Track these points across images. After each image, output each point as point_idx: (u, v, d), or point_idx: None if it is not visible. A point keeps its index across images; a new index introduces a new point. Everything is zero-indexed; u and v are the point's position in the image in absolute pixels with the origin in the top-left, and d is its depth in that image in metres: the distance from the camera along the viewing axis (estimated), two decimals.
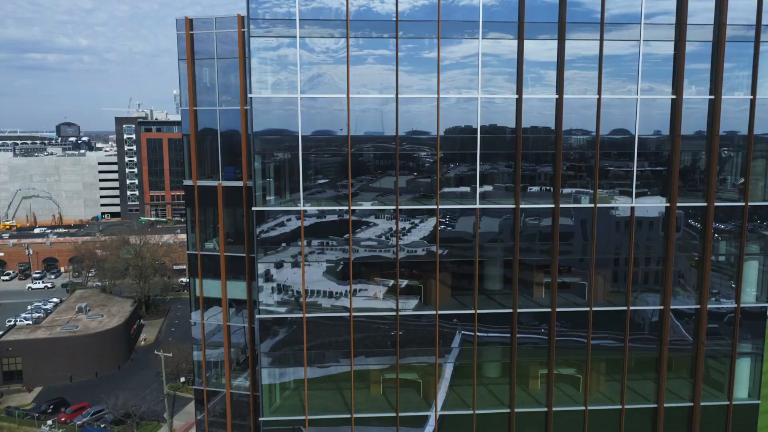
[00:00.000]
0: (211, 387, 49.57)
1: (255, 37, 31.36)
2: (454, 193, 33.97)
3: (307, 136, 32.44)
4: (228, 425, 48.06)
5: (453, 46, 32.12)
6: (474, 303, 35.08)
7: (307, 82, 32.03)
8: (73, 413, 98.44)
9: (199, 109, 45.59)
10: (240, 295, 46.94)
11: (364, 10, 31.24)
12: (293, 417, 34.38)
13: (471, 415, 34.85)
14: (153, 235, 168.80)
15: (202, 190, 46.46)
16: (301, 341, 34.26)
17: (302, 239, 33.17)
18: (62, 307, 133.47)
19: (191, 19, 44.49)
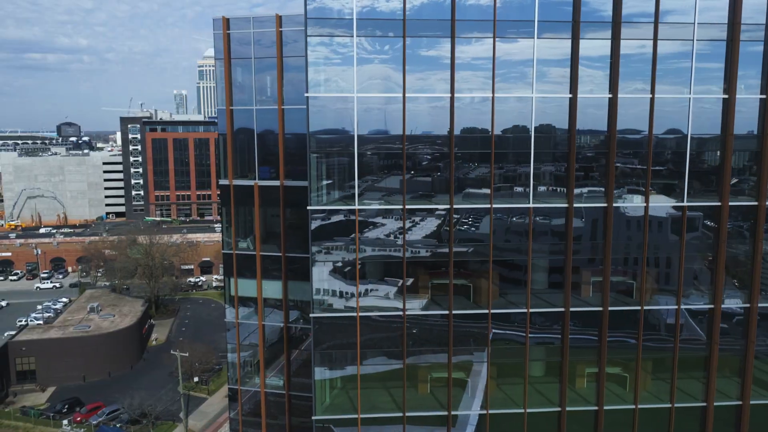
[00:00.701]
0: (233, 386, 49.55)
1: (312, 36, 31.37)
2: (508, 193, 33.94)
3: (362, 135, 32.39)
4: (263, 425, 48.02)
5: (507, 44, 32.11)
6: (516, 302, 35.10)
7: (362, 81, 31.99)
8: (88, 413, 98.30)
9: (234, 109, 45.50)
10: (275, 294, 46.93)
11: (419, 11, 31.24)
12: (345, 416, 34.41)
13: (520, 414, 34.90)
14: (162, 234, 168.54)
15: (237, 189, 46.38)
16: (350, 340, 34.24)
17: (356, 238, 33.13)
18: (73, 307, 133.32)
19: (228, 19, 44.42)
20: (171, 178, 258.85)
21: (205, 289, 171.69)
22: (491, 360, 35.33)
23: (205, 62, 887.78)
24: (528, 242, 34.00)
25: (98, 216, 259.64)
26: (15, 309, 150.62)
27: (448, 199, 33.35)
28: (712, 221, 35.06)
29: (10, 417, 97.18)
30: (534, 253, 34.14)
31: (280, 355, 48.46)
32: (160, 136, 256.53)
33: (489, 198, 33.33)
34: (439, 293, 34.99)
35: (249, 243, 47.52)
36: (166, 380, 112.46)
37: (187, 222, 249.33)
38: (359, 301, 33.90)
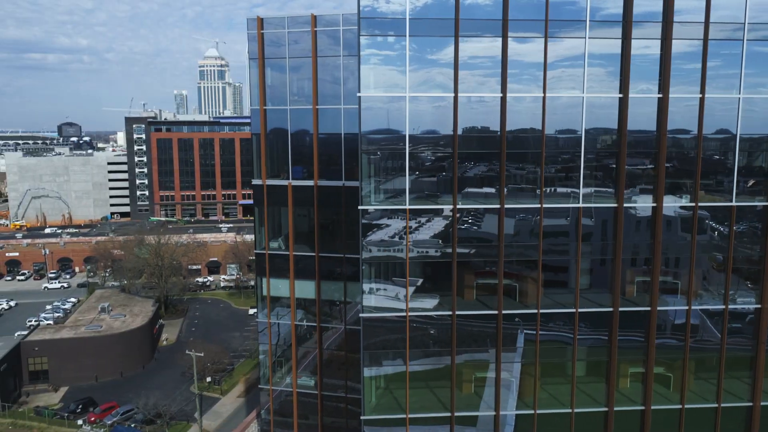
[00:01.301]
0: (264, 385, 49.53)
1: (365, 36, 31.33)
2: (556, 192, 33.94)
3: (413, 134, 32.36)
4: (294, 424, 47.99)
5: (554, 44, 32.07)
6: (562, 302, 35.07)
7: (413, 80, 31.95)
8: (102, 413, 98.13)
9: (267, 109, 45.49)
10: (308, 294, 46.93)
11: (470, 11, 31.22)
12: (394, 416, 34.36)
13: (567, 414, 34.90)
14: (170, 235, 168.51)
15: (270, 189, 46.37)
16: (398, 340, 34.22)
17: (407, 238, 33.09)
18: (84, 307, 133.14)
19: (262, 19, 44.40)
20: (176, 179, 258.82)
21: (213, 289, 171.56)
22: (533, 360, 35.26)
23: (206, 62, 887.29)
24: (576, 243, 34.01)
25: (103, 216, 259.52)
26: (24, 309, 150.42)
27: (497, 199, 33.34)
28: (761, 222, 35.01)
29: (25, 417, 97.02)
30: (581, 253, 34.12)
31: (308, 355, 48.53)
32: (165, 136, 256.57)
33: (539, 198, 33.32)
34: (484, 293, 34.98)
35: (280, 243, 47.53)
36: (179, 380, 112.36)
37: (192, 222, 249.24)
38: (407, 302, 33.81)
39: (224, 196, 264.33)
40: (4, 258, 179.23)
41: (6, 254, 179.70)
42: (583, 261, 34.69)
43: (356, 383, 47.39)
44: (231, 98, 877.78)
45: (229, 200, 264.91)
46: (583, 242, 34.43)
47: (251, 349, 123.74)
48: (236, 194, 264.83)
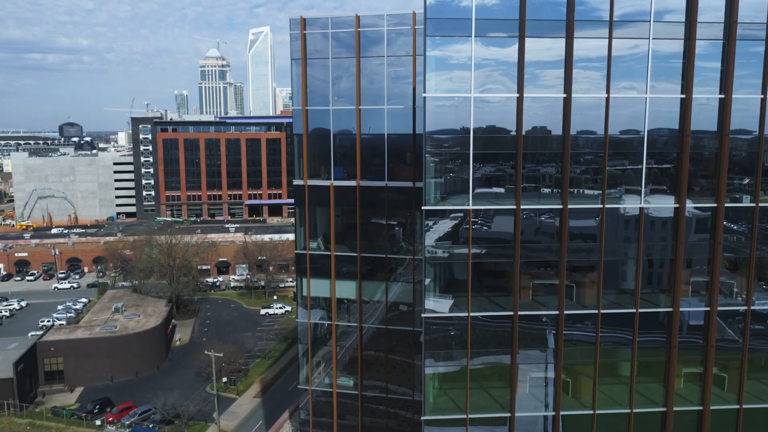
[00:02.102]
0: (304, 386, 49.54)
1: (431, 36, 31.38)
2: (610, 193, 34.00)
3: (476, 135, 32.41)
4: (334, 425, 48.00)
5: (620, 42, 32.08)
6: (619, 302, 35.11)
7: (478, 80, 32.02)
8: (120, 413, 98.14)
9: (309, 109, 45.49)
10: (349, 294, 46.93)
11: (537, 11, 31.28)
12: (454, 416, 34.41)
13: (625, 414, 34.98)
14: (182, 235, 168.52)
15: (312, 189, 46.37)
16: (455, 340, 34.27)
17: (470, 239, 33.12)
18: (97, 307, 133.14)
19: (305, 19, 44.41)
20: (182, 179, 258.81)
21: (224, 290, 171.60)
22: (587, 360, 35.31)
23: (207, 62, 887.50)
24: (632, 244, 34.04)
25: (109, 216, 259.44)
26: (35, 309, 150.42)
27: (557, 199, 33.41)
28: None
29: (42, 417, 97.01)
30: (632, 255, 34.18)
31: (347, 355, 48.52)
32: (171, 137, 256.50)
33: (601, 199, 33.38)
34: (539, 293, 35.04)
35: (319, 243, 47.54)
36: (194, 380, 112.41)
37: (199, 222, 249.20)
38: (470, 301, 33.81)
39: (230, 197, 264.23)
40: (13, 258, 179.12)
41: (15, 254, 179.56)
42: (635, 262, 34.67)
43: (398, 385, 47.48)
44: (232, 98, 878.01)
45: (234, 200, 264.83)
46: (636, 243, 34.41)
47: (265, 349, 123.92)
48: (242, 194, 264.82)
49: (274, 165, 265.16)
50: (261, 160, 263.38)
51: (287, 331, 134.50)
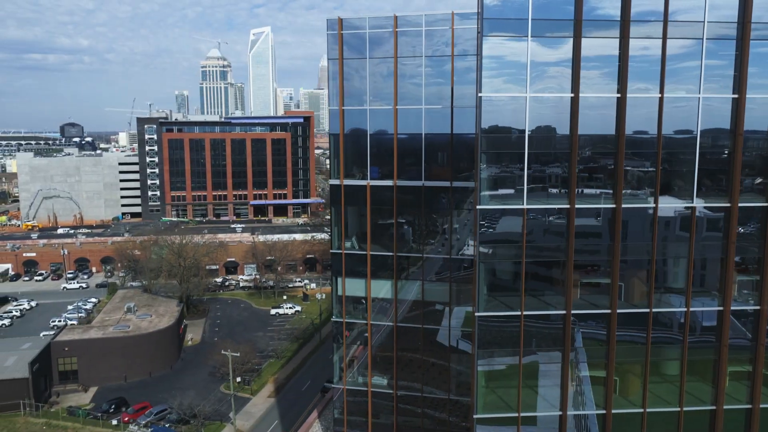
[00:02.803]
0: (338, 385, 49.67)
1: (488, 36, 31.56)
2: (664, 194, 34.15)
3: (531, 134, 32.57)
4: (368, 424, 48.17)
5: (674, 42, 32.25)
6: (651, 301, 35.27)
7: (533, 80, 32.21)
8: (135, 413, 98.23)
9: (345, 109, 45.64)
10: (384, 294, 47.09)
11: (593, 11, 31.47)
12: (506, 414, 34.57)
13: (675, 412, 35.13)
14: (193, 235, 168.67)
15: (348, 189, 46.52)
16: (507, 339, 34.41)
17: (524, 238, 33.25)
18: (108, 307, 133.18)
19: (342, 19, 44.58)
20: (187, 179, 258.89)
21: (233, 289, 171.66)
22: (636, 359, 35.49)
23: (208, 62, 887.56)
24: (683, 243, 34.20)
25: (114, 216, 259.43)
26: (45, 309, 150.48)
27: (609, 199, 33.56)
28: None
29: (58, 417, 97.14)
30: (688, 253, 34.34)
31: (381, 355, 48.67)
32: (177, 137, 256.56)
33: (653, 199, 33.57)
34: (586, 292, 35.18)
35: (354, 242, 47.70)
36: (207, 380, 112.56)
37: (204, 222, 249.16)
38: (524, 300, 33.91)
39: (235, 197, 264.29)
40: (21, 258, 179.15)
41: (23, 254, 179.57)
42: (683, 262, 34.83)
43: (434, 386, 47.65)
44: (233, 98, 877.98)
45: (240, 201, 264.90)
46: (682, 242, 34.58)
47: (277, 349, 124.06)
48: (247, 195, 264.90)
49: (279, 165, 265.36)
50: (266, 160, 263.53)
51: (298, 331, 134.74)
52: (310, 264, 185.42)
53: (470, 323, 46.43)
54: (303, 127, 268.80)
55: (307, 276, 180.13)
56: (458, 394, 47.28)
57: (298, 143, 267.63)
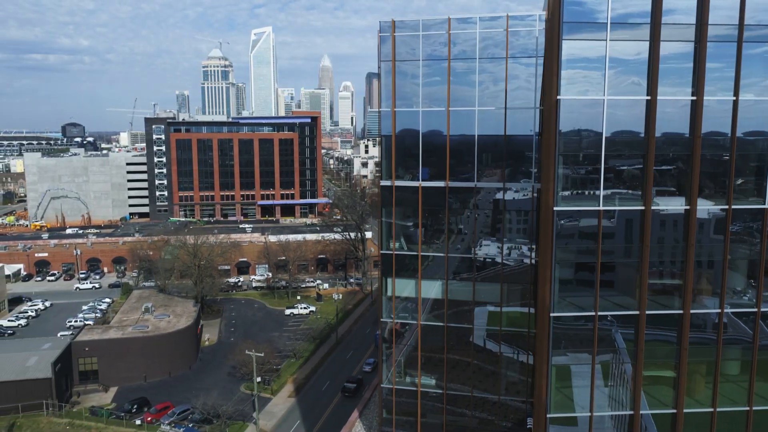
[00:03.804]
0: (387, 384, 49.87)
1: (567, 40, 31.88)
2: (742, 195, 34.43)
3: (607, 137, 32.90)
4: (418, 424, 48.45)
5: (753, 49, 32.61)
6: (723, 302, 35.57)
7: (611, 83, 32.54)
8: (158, 413, 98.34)
9: (397, 111, 45.88)
10: (434, 294, 47.36)
11: (671, 15, 31.79)
12: (579, 414, 34.92)
13: (744, 411, 35.44)
14: (207, 235, 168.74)
15: (399, 190, 46.75)
16: (578, 338, 34.72)
17: (599, 240, 33.59)
18: (125, 307, 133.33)
19: (395, 21, 44.81)
20: (195, 179, 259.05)
21: (245, 290, 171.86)
22: (702, 359, 35.82)
23: (210, 62, 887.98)
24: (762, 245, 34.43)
25: (122, 216, 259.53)
26: (59, 309, 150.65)
27: (681, 200, 33.91)
28: None
29: (81, 417, 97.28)
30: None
31: (431, 355, 48.91)
32: (185, 137, 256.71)
33: (727, 200, 33.92)
34: (655, 294, 35.45)
35: (402, 243, 47.95)
36: (227, 380, 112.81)
37: (212, 222, 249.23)
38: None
39: (243, 197, 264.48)
40: (33, 258, 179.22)
41: (35, 255, 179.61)
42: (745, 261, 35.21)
43: (482, 389, 47.92)
44: (234, 99, 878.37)
45: (247, 201, 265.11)
46: None
47: (294, 349, 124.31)
48: (255, 195, 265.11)
49: (286, 165, 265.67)
50: (274, 160, 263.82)
51: (314, 331, 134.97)
52: (322, 264, 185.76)
53: (495, 322, 46.92)
54: (310, 127, 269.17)
55: (318, 276, 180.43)
56: (507, 395, 47.63)
57: (305, 143, 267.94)
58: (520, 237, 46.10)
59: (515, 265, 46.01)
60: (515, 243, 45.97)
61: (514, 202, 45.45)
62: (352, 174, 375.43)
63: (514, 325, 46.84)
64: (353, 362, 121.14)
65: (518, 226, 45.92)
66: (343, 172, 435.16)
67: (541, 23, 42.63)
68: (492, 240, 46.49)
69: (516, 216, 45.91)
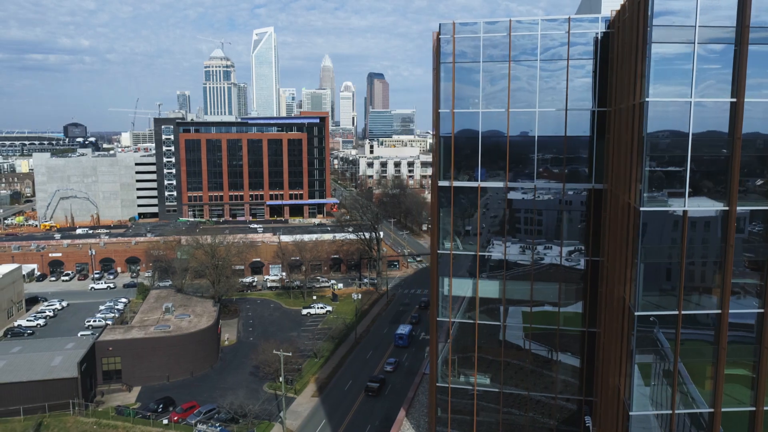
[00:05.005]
0: (443, 383, 50.26)
1: (656, 42, 32.29)
2: None
3: (694, 138, 33.26)
4: (473, 423, 48.83)
5: None
6: None
7: (698, 85, 32.92)
8: (184, 412, 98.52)
9: (456, 112, 46.28)
10: (491, 294, 47.72)
11: (757, 17, 32.15)
12: (662, 411, 35.31)
13: None
14: (224, 235, 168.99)
15: (457, 190, 47.13)
16: (667, 337, 35.03)
17: (683, 240, 33.96)
18: (145, 307, 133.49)
19: (456, 23, 45.20)
20: (204, 179, 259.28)
21: (260, 290, 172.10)
22: None
23: (212, 63, 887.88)
24: None
25: (131, 217, 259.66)
26: (76, 309, 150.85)
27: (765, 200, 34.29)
28: None
29: (108, 416, 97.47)
30: None
31: (486, 353, 49.30)
32: (194, 137, 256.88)
33: None
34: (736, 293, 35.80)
35: (458, 243, 48.34)
36: (249, 380, 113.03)
37: (221, 223, 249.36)
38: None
39: (251, 197, 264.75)
40: (47, 258, 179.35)
41: (49, 255, 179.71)
42: None
43: (540, 389, 48.33)
44: (236, 99, 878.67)
45: (256, 201, 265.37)
46: None
47: (314, 348, 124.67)
48: (263, 195, 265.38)
49: (295, 165, 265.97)
50: (282, 160, 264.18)
51: (333, 331, 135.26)
52: (335, 264, 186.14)
53: (528, 322, 47.35)
54: (319, 128, 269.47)
55: (331, 276, 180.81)
56: (563, 394, 48.04)
57: (313, 143, 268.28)
58: (578, 237, 46.50)
59: (571, 265, 46.41)
60: (574, 243, 46.36)
61: (574, 202, 45.85)
62: (358, 174, 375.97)
63: (570, 324, 47.22)
64: (373, 362, 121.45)
65: (579, 226, 46.31)
66: (348, 172, 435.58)
67: (602, 25, 43.07)
68: (549, 240, 46.83)
69: (576, 216, 46.28)
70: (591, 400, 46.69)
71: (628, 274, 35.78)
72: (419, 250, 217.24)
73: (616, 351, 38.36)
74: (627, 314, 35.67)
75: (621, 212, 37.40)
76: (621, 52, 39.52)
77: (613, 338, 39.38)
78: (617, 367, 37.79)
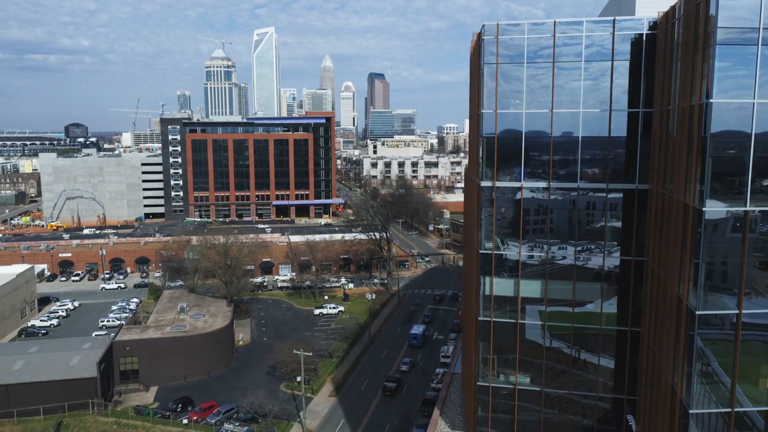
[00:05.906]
0: (483, 383, 50.49)
1: (722, 45, 32.54)
2: None
3: (756, 139, 33.49)
4: (514, 422, 49.09)
5: None
6: None
7: (761, 86, 33.19)
8: (203, 412, 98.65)
9: (500, 112, 46.53)
10: (533, 293, 47.99)
11: None
12: (721, 410, 35.59)
13: None
14: (236, 235, 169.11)
15: (499, 190, 47.37)
16: (724, 337, 35.29)
17: (744, 240, 34.23)
18: (159, 307, 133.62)
19: (499, 25, 45.47)
20: (210, 179, 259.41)
21: (271, 290, 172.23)
22: None
23: (213, 63, 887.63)
24: None
25: (137, 217, 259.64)
26: (88, 309, 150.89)
27: None
28: None
29: (127, 416, 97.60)
30: None
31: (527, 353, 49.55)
32: (200, 138, 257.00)
33: None
34: None
35: (498, 243, 48.60)
36: (266, 379, 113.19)
37: (228, 223, 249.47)
38: None
39: (258, 197, 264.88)
40: (57, 259, 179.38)
41: (59, 255, 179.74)
42: None
43: (584, 390, 48.55)
44: (237, 99, 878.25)
45: (262, 201, 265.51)
46: None
47: (329, 348, 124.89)
48: (270, 195, 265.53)
49: (301, 166, 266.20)
50: (289, 161, 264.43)
51: (347, 331, 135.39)
52: (345, 264, 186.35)
53: (594, 321, 47.58)
54: (325, 128, 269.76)
55: (341, 276, 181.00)
56: (605, 393, 48.33)
57: (320, 144, 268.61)
58: (619, 237, 46.78)
59: (614, 266, 46.70)
60: (614, 244, 46.67)
61: (617, 203, 46.13)
62: (362, 174, 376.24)
63: (611, 324, 47.51)
64: (389, 361, 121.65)
65: (620, 226, 46.53)
66: (351, 172, 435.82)
67: (646, 25, 43.37)
68: (592, 240, 47.07)
69: (617, 216, 46.53)
70: (633, 399, 46.99)
71: (684, 274, 36.03)
72: (427, 250, 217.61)
73: (669, 350, 38.59)
74: (685, 313, 35.93)
75: (675, 212, 37.64)
76: (670, 53, 39.79)
77: (665, 337, 39.61)
78: (671, 366, 38.02)
